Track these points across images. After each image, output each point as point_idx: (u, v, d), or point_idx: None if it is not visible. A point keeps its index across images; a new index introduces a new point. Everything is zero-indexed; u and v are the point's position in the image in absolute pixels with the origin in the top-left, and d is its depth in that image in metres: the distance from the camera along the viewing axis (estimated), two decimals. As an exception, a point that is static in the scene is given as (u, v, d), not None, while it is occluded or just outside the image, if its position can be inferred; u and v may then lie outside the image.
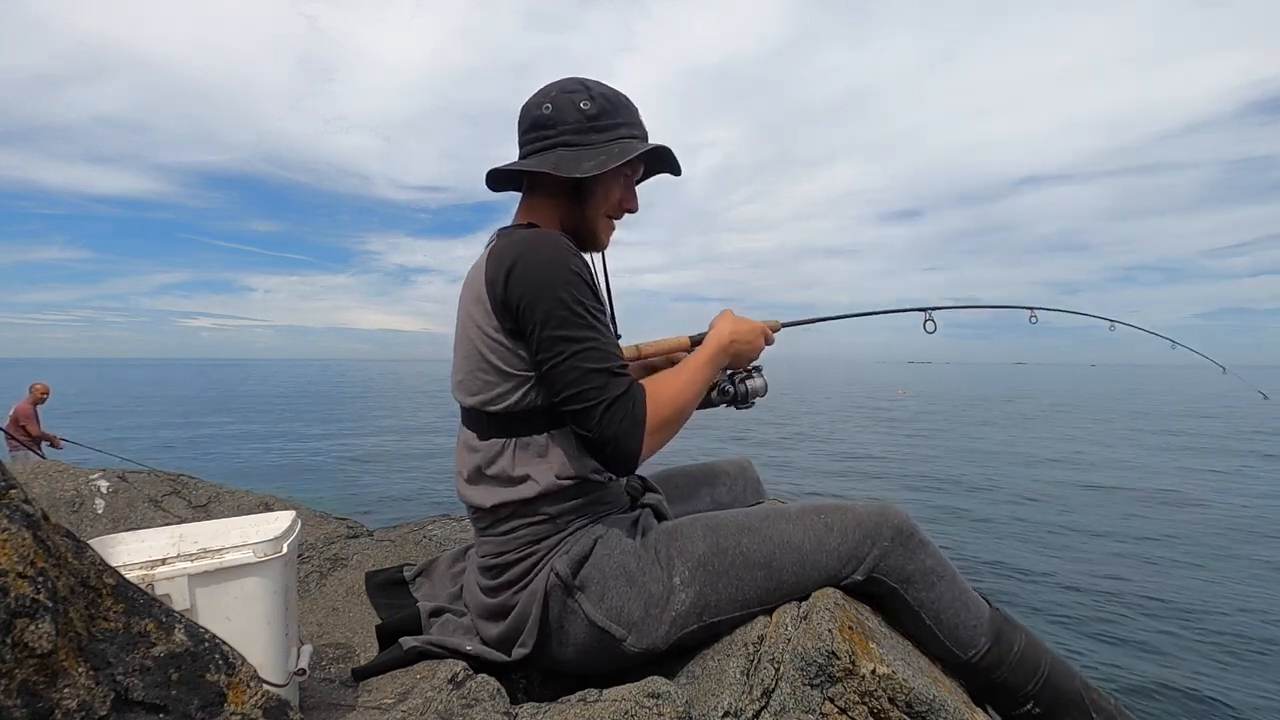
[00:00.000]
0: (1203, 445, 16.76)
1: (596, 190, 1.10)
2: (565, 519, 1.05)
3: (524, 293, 0.96)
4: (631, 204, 1.15)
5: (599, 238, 1.15)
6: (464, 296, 1.08)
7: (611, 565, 1.01)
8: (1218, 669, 4.24)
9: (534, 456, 1.04)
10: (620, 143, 1.07)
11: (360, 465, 13.49)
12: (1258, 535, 7.64)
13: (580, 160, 1.04)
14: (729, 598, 1.01)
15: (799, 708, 0.87)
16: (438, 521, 1.91)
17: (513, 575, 1.05)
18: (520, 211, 1.17)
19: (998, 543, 7.39)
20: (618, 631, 0.99)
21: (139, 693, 0.57)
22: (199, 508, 1.94)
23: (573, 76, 1.09)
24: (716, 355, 1.12)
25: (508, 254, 0.99)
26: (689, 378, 1.06)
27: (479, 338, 1.03)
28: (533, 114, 1.08)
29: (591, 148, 1.05)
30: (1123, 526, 8.11)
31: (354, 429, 21.03)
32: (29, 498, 0.58)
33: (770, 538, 1.03)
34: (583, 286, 0.98)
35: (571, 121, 1.05)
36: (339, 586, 1.48)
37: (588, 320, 0.97)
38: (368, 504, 9.51)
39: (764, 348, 1.21)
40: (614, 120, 1.07)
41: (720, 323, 1.18)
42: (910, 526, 1.04)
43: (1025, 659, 1.04)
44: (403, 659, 1.06)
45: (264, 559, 0.86)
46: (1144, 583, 5.90)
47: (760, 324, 1.21)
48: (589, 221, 1.12)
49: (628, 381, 0.97)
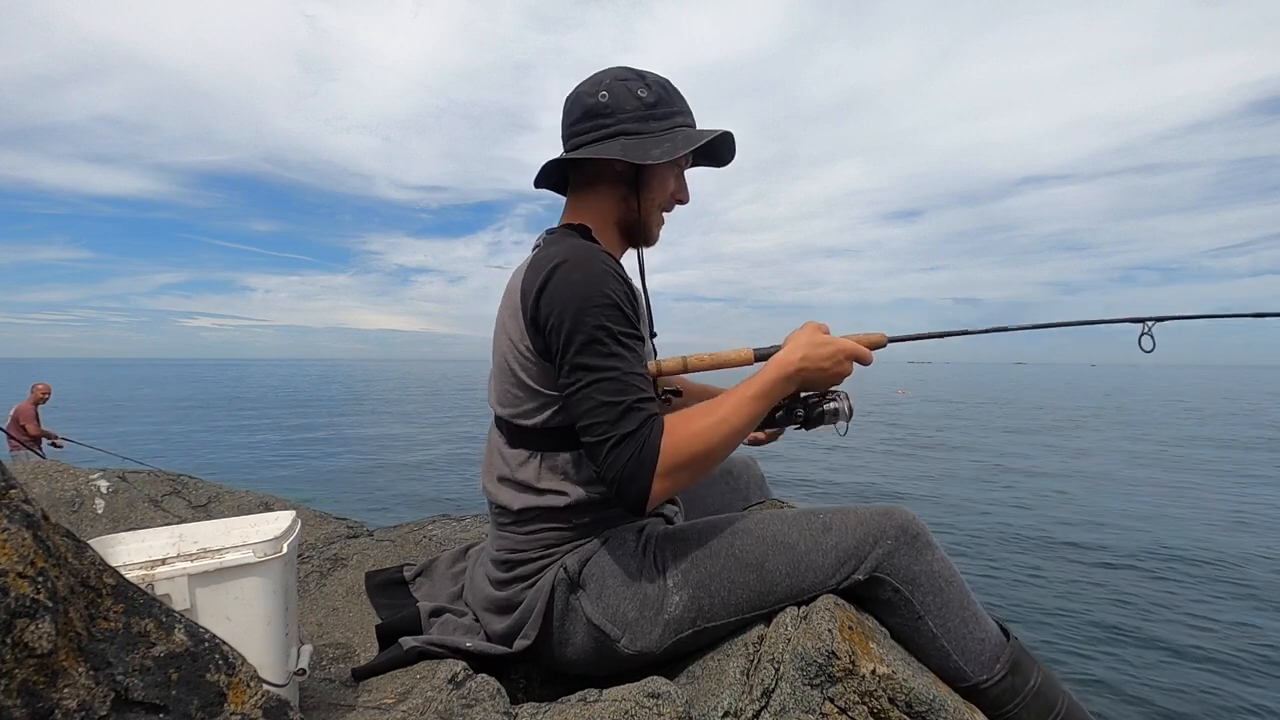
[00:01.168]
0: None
1: (653, 181, 1.07)
2: (587, 527, 1.06)
3: (551, 313, 0.93)
4: (684, 195, 1.12)
5: (652, 231, 1.12)
6: (504, 302, 1.06)
7: (611, 565, 1.01)
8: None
9: (560, 472, 1.04)
10: (681, 130, 1.04)
11: (361, 465, 13.49)
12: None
13: (646, 148, 1.00)
14: (723, 601, 0.98)
15: (799, 708, 0.87)
16: (438, 521, 1.91)
17: (526, 571, 1.06)
18: (569, 210, 1.13)
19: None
20: (612, 631, 0.98)
21: (139, 693, 0.57)
22: (199, 508, 1.94)
23: (622, 65, 1.07)
24: (775, 385, 0.97)
25: (544, 267, 0.96)
26: (726, 415, 0.94)
27: (510, 351, 1.01)
28: (586, 102, 1.04)
29: (653, 136, 1.02)
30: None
31: (354, 429, 21.05)
32: (29, 498, 0.58)
33: (763, 538, 1.00)
34: (613, 311, 0.93)
35: (630, 109, 1.02)
36: (339, 586, 1.48)
37: (609, 348, 0.91)
38: (368, 504, 9.51)
39: (849, 373, 1.01)
40: (671, 109, 1.04)
41: (794, 341, 1.00)
42: (917, 527, 0.97)
43: (1042, 696, 0.95)
44: (403, 659, 1.06)
45: (264, 559, 0.86)
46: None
47: (850, 344, 1.01)
48: (645, 214, 1.10)
49: (642, 417, 0.90)
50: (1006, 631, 0.99)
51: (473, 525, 1.85)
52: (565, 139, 1.09)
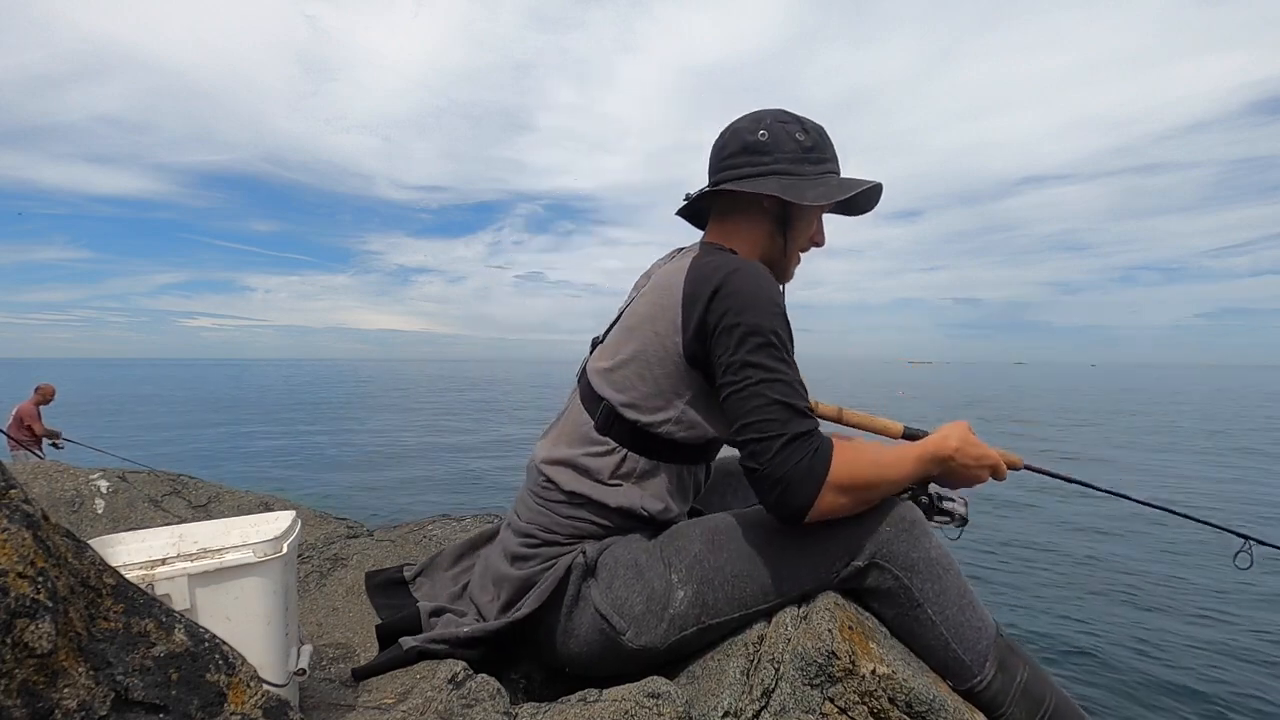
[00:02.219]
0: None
1: (800, 222, 1.12)
2: (620, 531, 1.07)
3: (726, 313, 0.94)
4: (821, 239, 1.16)
5: (790, 269, 1.16)
6: (648, 295, 1.07)
7: (626, 556, 1.03)
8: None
9: (636, 475, 1.05)
10: (832, 176, 1.09)
11: (361, 465, 13.50)
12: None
13: (802, 189, 1.05)
14: (726, 596, 0.99)
15: (799, 708, 0.87)
16: (438, 521, 1.91)
17: (548, 554, 1.07)
18: (713, 232, 1.16)
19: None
20: (619, 623, 0.99)
21: (139, 693, 0.57)
22: (199, 508, 1.94)
23: (780, 108, 1.11)
24: (928, 461, 0.99)
25: (716, 273, 0.98)
26: (891, 460, 0.95)
27: (654, 344, 1.02)
28: (744, 138, 1.08)
29: (807, 179, 1.07)
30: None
31: (354, 428, 21.05)
32: (29, 498, 0.58)
33: (765, 531, 1.01)
34: (785, 322, 0.96)
35: (789, 151, 1.07)
36: (339, 586, 1.48)
37: (783, 354, 0.94)
38: (368, 504, 9.51)
39: (984, 481, 1.04)
40: (824, 155, 1.09)
41: (950, 432, 1.03)
42: (914, 514, 0.99)
43: (1029, 693, 0.95)
44: (403, 659, 1.06)
45: (264, 559, 0.86)
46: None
47: (998, 455, 1.04)
48: (789, 253, 1.13)
49: (814, 425, 0.92)
50: (995, 625, 1.00)
51: (473, 525, 1.85)
52: (715, 169, 1.12)
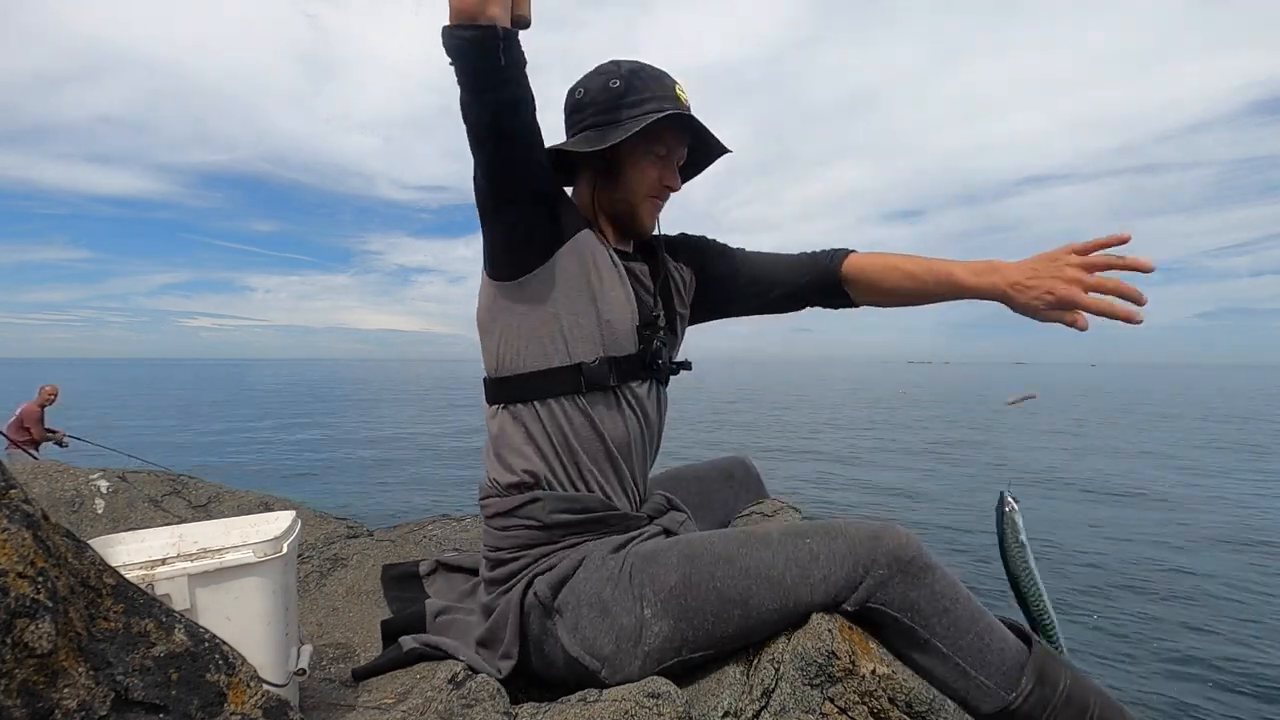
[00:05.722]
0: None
1: (627, 169, 1.07)
2: (559, 531, 1.01)
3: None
4: (672, 181, 1.10)
5: (640, 220, 1.11)
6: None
7: (588, 592, 0.96)
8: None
9: (506, 437, 1.04)
10: (647, 115, 1.02)
11: (360, 465, 13.49)
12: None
13: (606, 136, 1.02)
14: (707, 634, 0.93)
15: (799, 708, 0.87)
16: (438, 521, 1.91)
17: (503, 574, 1.03)
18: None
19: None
20: (591, 664, 0.94)
21: (139, 693, 0.57)
22: (199, 508, 1.94)
23: (615, 59, 1.07)
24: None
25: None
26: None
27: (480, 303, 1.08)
28: (570, 99, 1.08)
29: (619, 124, 1.02)
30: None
31: (354, 429, 21.04)
32: (29, 498, 0.58)
33: (747, 569, 0.93)
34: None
35: (603, 101, 1.03)
36: (339, 586, 1.48)
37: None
38: (368, 504, 9.51)
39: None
40: (641, 95, 1.03)
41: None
42: (911, 550, 0.89)
43: (1072, 700, 0.88)
44: (402, 659, 1.06)
45: (264, 559, 0.86)
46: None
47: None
48: (625, 203, 1.09)
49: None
50: (1027, 638, 0.93)
51: (472, 525, 1.85)
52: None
